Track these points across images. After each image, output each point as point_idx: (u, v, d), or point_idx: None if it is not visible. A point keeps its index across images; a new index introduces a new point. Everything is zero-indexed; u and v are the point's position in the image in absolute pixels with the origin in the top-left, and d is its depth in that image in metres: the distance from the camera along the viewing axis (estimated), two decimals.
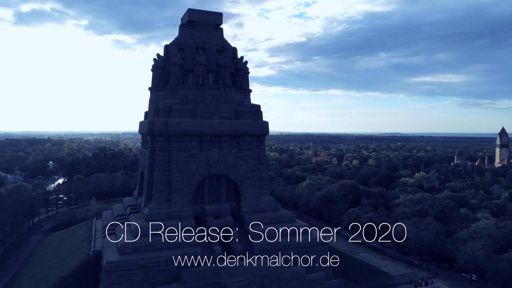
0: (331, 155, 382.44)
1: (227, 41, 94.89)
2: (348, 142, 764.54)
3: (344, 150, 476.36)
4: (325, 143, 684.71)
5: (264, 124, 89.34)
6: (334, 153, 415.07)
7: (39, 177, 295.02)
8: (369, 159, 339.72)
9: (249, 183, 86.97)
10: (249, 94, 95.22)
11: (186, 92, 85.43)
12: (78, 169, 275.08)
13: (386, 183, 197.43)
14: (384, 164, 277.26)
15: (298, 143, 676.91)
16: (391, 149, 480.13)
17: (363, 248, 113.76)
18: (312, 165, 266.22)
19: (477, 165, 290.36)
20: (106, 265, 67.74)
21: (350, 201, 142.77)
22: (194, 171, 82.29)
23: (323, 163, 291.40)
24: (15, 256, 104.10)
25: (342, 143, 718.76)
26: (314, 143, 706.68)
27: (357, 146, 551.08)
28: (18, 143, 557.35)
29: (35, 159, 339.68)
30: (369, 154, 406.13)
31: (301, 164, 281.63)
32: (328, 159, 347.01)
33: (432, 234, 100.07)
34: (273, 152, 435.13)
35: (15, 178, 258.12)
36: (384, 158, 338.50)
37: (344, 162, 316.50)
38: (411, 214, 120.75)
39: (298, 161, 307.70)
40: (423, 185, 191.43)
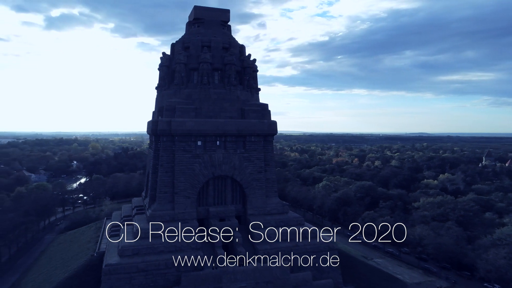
0: (352, 156, 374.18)
1: (234, 38, 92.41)
2: (372, 142, 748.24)
3: (366, 150, 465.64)
4: (348, 144, 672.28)
5: (271, 123, 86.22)
6: (356, 153, 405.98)
7: (63, 177, 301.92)
8: (392, 159, 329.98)
9: (255, 185, 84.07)
10: (257, 93, 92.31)
11: (190, 91, 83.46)
12: (99, 169, 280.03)
13: (407, 184, 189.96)
14: (407, 165, 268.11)
15: (320, 143, 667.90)
16: (416, 150, 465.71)
17: (379, 253, 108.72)
18: (332, 166, 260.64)
19: (506, 167, 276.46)
20: (105, 268, 66.51)
21: (367, 204, 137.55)
22: (198, 172, 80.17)
23: (343, 163, 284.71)
24: (27, 255, 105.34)
25: (366, 144, 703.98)
26: (337, 143, 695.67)
27: (381, 146, 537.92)
28: (46, 143, 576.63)
29: (59, 159, 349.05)
30: (393, 154, 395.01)
31: (320, 164, 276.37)
32: (349, 159, 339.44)
33: (452, 240, 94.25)
34: (294, 152, 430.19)
35: (39, 178, 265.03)
36: (408, 159, 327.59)
37: (365, 163, 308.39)
38: (431, 218, 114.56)
39: (317, 162, 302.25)
40: (447, 187, 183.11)
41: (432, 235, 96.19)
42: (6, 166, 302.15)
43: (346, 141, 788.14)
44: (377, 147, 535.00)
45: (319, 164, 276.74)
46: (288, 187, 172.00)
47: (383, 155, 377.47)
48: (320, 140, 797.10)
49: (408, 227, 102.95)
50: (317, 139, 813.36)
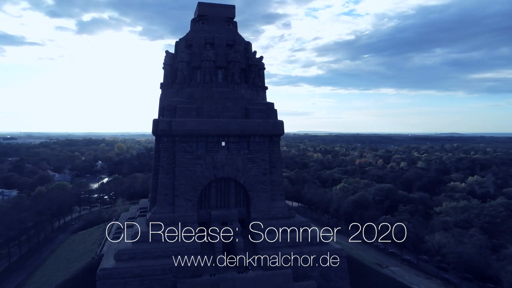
0: (377, 157, 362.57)
1: (240, 35, 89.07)
2: (400, 143, 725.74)
3: (392, 151, 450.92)
4: (374, 144, 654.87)
5: (276, 123, 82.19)
6: (381, 154, 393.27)
7: (87, 176, 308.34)
8: (419, 161, 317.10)
9: (260, 188, 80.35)
10: (264, 92, 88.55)
11: (193, 90, 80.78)
12: (121, 169, 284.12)
13: (432, 187, 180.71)
14: (434, 167, 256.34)
15: (345, 144, 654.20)
16: (445, 150, 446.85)
17: (395, 261, 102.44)
18: (354, 167, 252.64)
19: None
20: (100, 273, 64.68)
21: (386, 208, 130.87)
22: (200, 174, 77.30)
23: (366, 165, 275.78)
24: (37, 255, 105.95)
25: (393, 144, 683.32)
26: (363, 143, 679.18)
27: (408, 147, 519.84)
28: (76, 144, 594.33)
29: (85, 159, 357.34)
30: (420, 155, 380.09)
31: (342, 166, 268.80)
32: (373, 160, 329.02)
33: (474, 248, 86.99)
34: (317, 153, 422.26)
35: (63, 177, 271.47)
36: (436, 160, 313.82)
37: (390, 164, 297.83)
38: (453, 224, 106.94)
39: (340, 163, 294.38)
40: (475, 190, 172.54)
41: (453, 242, 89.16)
42: (35, 165, 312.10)
43: (372, 141, 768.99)
44: (404, 147, 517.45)
45: (340, 165, 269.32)
46: (305, 188, 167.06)
47: (410, 156, 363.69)
48: (346, 140, 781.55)
49: (427, 234, 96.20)
50: (343, 140, 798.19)
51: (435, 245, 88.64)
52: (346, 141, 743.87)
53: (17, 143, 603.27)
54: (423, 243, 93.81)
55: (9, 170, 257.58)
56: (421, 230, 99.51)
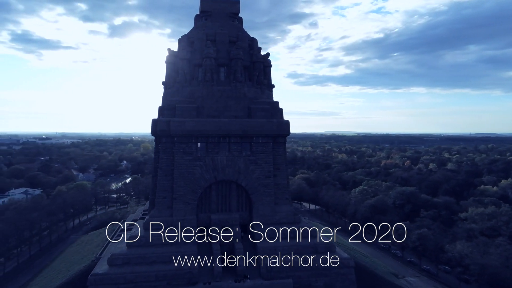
0: (404, 158, 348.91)
1: (245, 31, 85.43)
2: (431, 143, 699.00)
3: (422, 152, 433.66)
4: (403, 145, 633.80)
5: (281, 123, 77.78)
6: (409, 155, 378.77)
7: (111, 176, 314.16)
8: (449, 162, 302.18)
9: (263, 191, 76.18)
10: (269, 90, 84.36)
11: (193, 89, 77.76)
12: (143, 169, 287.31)
13: (460, 191, 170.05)
14: (464, 169, 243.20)
15: (373, 144, 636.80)
16: (478, 152, 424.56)
17: (413, 271, 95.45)
18: (377, 169, 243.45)
19: None
20: (91, 278, 62.72)
21: (407, 212, 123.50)
22: (199, 176, 74.07)
23: (391, 166, 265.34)
24: (46, 256, 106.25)
25: (423, 145, 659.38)
26: (391, 144, 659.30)
27: (439, 147, 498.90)
28: (105, 144, 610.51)
29: (110, 159, 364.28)
30: (451, 156, 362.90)
31: (366, 167, 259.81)
32: (400, 162, 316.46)
33: (500, 260, 79.19)
34: (342, 153, 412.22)
35: (87, 177, 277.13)
36: (467, 162, 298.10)
37: (417, 166, 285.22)
38: (479, 232, 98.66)
39: (364, 164, 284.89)
40: (508, 194, 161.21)
41: (476, 253, 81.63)
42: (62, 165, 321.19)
43: (402, 142, 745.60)
44: (434, 148, 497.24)
45: (364, 167, 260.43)
46: (322, 191, 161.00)
47: (440, 157, 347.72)
48: (374, 141, 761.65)
49: (448, 242, 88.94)
50: (370, 140, 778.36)
51: (456, 255, 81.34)
52: (374, 142, 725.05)
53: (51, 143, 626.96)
54: (443, 252, 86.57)
55: (38, 170, 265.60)
56: (442, 238, 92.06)
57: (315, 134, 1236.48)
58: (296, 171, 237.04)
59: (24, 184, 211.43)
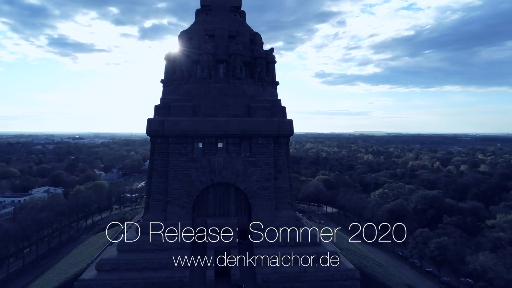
0: (434, 159, 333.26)
1: (247, 25, 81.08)
2: (464, 144, 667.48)
3: (454, 153, 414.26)
4: (435, 145, 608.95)
5: (282, 122, 72.83)
6: (439, 156, 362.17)
7: (134, 175, 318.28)
8: (482, 164, 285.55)
9: (263, 195, 71.47)
10: (273, 87, 79.63)
11: (190, 87, 74.16)
12: None
13: (491, 195, 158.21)
14: (498, 171, 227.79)
15: (402, 144, 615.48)
16: None
17: (431, 283, 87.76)
18: (403, 170, 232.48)
19: None
20: (77, 284, 60.15)
21: (429, 218, 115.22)
22: (195, 178, 70.34)
23: (418, 168, 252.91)
24: (52, 256, 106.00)
25: (457, 145, 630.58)
26: (422, 144, 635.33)
27: (472, 148, 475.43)
28: (133, 143, 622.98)
29: (135, 158, 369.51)
30: (485, 158, 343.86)
31: (391, 168, 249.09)
32: (428, 163, 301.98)
33: None
34: (368, 154, 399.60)
35: (110, 176, 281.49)
36: (502, 163, 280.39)
37: (447, 168, 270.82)
38: (507, 242, 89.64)
39: (390, 165, 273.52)
40: None
41: (501, 266, 73.47)
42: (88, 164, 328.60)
43: (433, 142, 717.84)
44: (467, 149, 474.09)
45: (390, 168, 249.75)
46: (340, 193, 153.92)
47: (472, 159, 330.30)
48: (403, 141, 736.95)
49: (471, 253, 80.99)
50: (400, 140, 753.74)
51: (478, 267, 73.58)
52: (403, 142, 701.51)
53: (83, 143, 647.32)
54: (464, 264, 78.86)
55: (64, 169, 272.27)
56: (463, 248, 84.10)
57: (343, 134, 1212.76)
58: (316, 172, 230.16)
59: (47, 183, 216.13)
